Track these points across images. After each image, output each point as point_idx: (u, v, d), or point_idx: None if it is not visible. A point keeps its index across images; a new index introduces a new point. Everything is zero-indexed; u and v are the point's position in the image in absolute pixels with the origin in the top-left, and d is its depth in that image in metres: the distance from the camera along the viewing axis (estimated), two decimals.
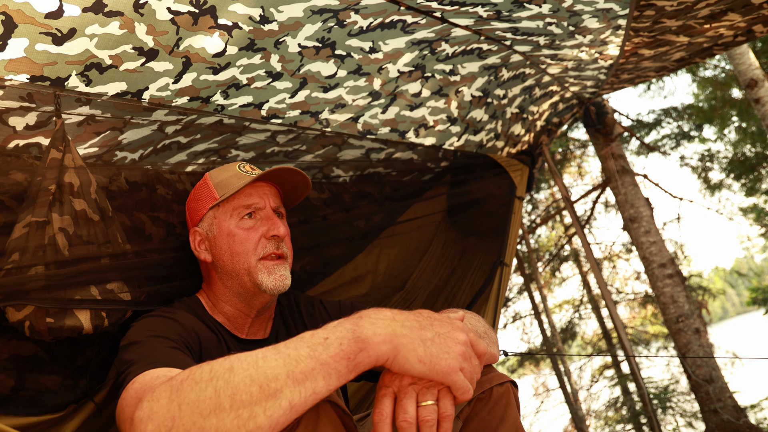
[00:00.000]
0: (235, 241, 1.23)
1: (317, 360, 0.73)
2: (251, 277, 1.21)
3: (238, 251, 1.23)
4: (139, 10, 1.10)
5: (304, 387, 0.72)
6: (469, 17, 1.63)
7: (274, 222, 1.25)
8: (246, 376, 0.71)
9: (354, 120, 1.87)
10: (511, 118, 2.51)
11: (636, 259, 7.61)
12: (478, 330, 1.05)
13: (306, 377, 0.72)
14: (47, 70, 1.11)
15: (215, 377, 0.72)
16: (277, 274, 1.22)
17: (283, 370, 0.72)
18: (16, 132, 1.20)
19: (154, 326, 1.07)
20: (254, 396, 0.70)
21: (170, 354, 0.97)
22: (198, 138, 1.57)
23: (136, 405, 0.78)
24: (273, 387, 0.70)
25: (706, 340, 4.59)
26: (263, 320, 1.31)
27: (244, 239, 1.23)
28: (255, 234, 1.24)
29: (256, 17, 1.27)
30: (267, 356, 0.74)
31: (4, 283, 1.04)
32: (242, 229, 1.24)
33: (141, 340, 1.01)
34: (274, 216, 1.27)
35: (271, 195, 1.30)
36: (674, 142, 7.25)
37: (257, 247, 1.23)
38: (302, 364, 0.73)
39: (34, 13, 0.99)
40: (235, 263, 1.23)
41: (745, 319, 38.43)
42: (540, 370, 8.55)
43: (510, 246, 2.26)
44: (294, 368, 0.72)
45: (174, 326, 1.10)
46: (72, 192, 1.18)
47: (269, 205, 1.28)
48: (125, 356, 0.98)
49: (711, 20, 2.00)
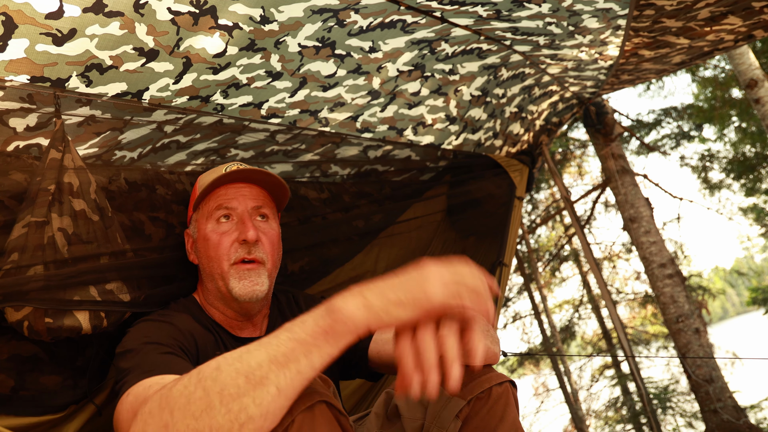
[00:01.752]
0: (209, 245, 1.23)
1: (296, 340, 0.74)
2: (224, 282, 1.20)
3: (212, 256, 1.22)
4: (140, 11, 1.10)
5: (288, 369, 0.72)
6: (468, 17, 1.64)
7: (246, 226, 1.22)
8: (232, 371, 0.72)
9: (353, 119, 1.88)
10: (509, 117, 2.51)
11: (636, 259, 7.62)
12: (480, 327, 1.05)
13: (288, 359, 0.72)
14: (48, 71, 1.11)
15: (203, 378, 0.72)
16: (248, 280, 1.20)
17: (266, 356, 0.72)
18: (16, 133, 1.20)
19: (149, 332, 1.07)
20: (242, 387, 0.70)
21: (165, 361, 0.97)
22: (197, 137, 1.58)
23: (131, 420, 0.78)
24: (258, 375, 0.71)
25: (706, 340, 4.59)
26: (258, 320, 1.30)
27: (216, 243, 1.22)
28: (228, 238, 1.22)
29: (256, 17, 1.27)
30: (250, 349, 0.74)
31: (4, 284, 1.04)
32: (216, 233, 1.23)
33: (135, 347, 1.01)
34: (247, 219, 1.23)
35: (251, 196, 1.27)
36: (674, 142, 7.25)
37: (229, 251, 1.21)
38: (282, 346, 0.73)
39: (34, 13, 0.99)
40: (212, 267, 1.22)
41: (745, 319, 38.43)
42: (540, 370, 8.55)
43: (509, 246, 2.26)
44: (275, 352, 0.73)
45: (169, 330, 1.09)
46: (71, 192, 1.18)
47: (246, 207, 1.25)
48: (121, 364, 0.99)
49: (711, 23, 2.00)
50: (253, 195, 1.27)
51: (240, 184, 1.28)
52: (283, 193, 1.34)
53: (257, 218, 1.27)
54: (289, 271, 1.79)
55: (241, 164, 1.33)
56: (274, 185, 1.31)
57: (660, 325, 7.40)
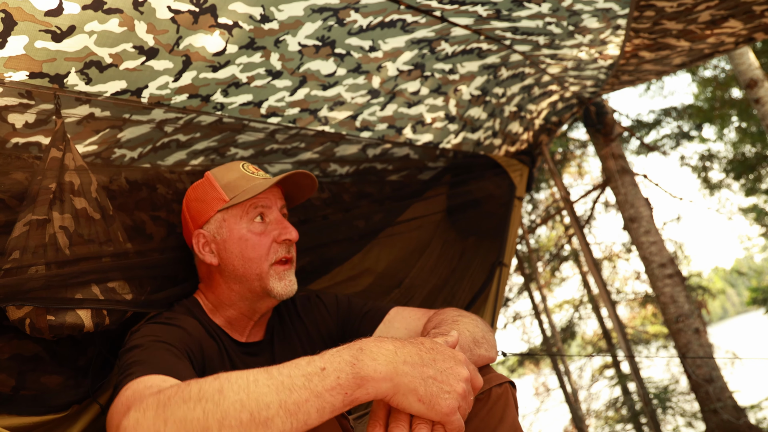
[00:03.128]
0: (247, 246, 1.21)
1: (312, 391, 0.71)
2: (262, 282, 1.20)
3: (251, 256, 1.21)
4: (139, 8, 1.10)
5: (296, 418, 0.70)
6: (468, 16, 1.64)
7: (285, 226, 1.23)
8: (236, 401, 0.69)
9: (352, 118, 1.87)
10: (509, 117, 2.51)
11: (636, 259, 7.62)
12: (475, 336, 1.04)
13: (299, 408, 0.70)
14: (46, 67, 1.11)
15: (204, 398, 0.70)
16: (287, 280, 1.22)
17: (276, 398, 0.70)
18: (15, 129, 1.20)
19: (159, 332, 1.06)
20: (244, 423, 0.68)
21: (170, 362, 0.96)
22: (197, 137, 1.57)
23: (124, 413, 0.77)
24: (264, 415, 0.69)
25: (706, 340, 4.58)
26: (263, 322, 1.30)
27: (256, 244, 1.21)
28: (267, 239, 1.22)
29: (256, 16, 1.27)
30: (258, 380, 0.72)
31: (5, 283, 1.04)
32: (254, 233, 1.22)
33: (143, 344, 1.00)
34: (284, 219, 1.25)
35: (279, 196, 1.29)
36: (674, 142, 7.25)
37: (269, 252, 1.21)
38: (296, 394, 0.70)
39: (33, 10, 0.99)
40: (247, 268, 1.21)
41: (745, 319, 38.42)
42: (540, 370, 8.55)
43: (509, 246, 2.26)
44: (287, 398, 0.70)
45: (180, 334, 1.09)
46: (72, 191, 1.18)
47: (278, 207, 1.26)
48: (126, 359, 0.98)
49: (712, 26, 1.99)
50: (279, 194, 1.29)
51: None
52: (301, 194, 1.36)
53: None
54: None
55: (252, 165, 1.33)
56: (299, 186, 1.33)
57: (660, 325, 7.41)
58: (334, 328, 1.34)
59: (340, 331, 1.34)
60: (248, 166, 1.30)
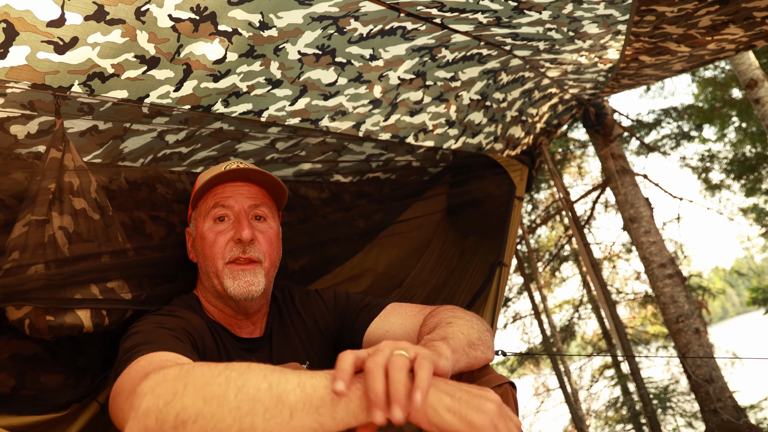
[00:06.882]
0: (205, 244, 1.23)
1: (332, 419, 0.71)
2: (220, 280, 1.21)
3: (208, 254, 1.23)
4: (141, 18, 1.10)
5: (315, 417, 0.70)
6: (469, 23, 1.64)
7: (241, 225, 1.22)
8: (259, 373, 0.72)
9: (355, 128, 1.88)
10: (510, 121, 2.52)
11: (636, 259, 7.61)
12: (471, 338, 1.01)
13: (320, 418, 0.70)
14: (49, 79, 1.11)
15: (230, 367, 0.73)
16: (243, 280, 1.19)
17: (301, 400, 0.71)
18: (17, 141, 1.21)
19: (161, 320, 1.07)
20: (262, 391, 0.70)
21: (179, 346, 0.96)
22: (198, 147, 1.58)
23: (141, 379, 0.78)
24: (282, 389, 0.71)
25: (706, 340, 4.59)
26: (257, 319, 1.30)
27: (212, 242, 1.22)
28: (224, 237, 1.22)
29: (255, 23, 1.27)
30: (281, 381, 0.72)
31: (4, 283, 1.04)
32: (213, 232, 1.23)
33: (147, 330, 1.01)
34: (243, 218, 1.23)
35: (248, 195, 1.27)
36: (674, 142, 7.24)
37: (224, 250, 1.21)
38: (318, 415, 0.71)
39: (35, 21, 0.99)
40: (208, 266, 1.23)
41: (745, 319, 38.40)
42: (540, 370, 8.55)
43: (509, 246, 2.26)
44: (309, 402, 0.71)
45: (182, 323, 1.10)
46: (72, 191, 1.18)
47: (242, 206, 1.25)
48: (128, 344, 0.97)
49: (713, 32, 1.99)
50: (250, 194, 1.27)
51: (238, 183, 1.27)
52: (281, 192, 1.33)
53: (254, 217, 1.27)
54: (290, 271, 1.79)
55: (241, 162, 1.32)
56: (271, 185, 1.31)
57: (660, 325, 7.40)
58: (332, 324, 1.35)
59: (338, 325, 1.35)
60: (232, 164, 1.29)
